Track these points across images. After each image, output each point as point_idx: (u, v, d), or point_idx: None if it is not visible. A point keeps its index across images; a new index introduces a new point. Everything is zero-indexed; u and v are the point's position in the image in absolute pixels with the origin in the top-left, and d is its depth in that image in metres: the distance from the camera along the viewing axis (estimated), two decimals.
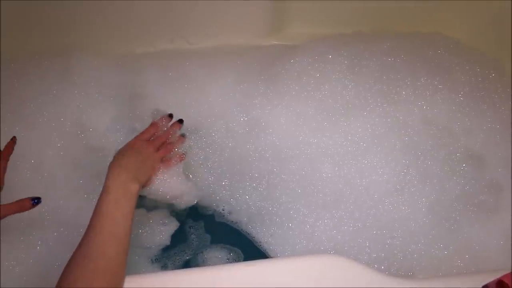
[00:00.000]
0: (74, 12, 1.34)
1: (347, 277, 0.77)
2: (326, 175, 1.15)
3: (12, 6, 1.29)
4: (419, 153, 1.15)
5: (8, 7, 1.28)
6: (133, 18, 1.40)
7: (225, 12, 1.43)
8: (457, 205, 1.09)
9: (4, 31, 1.31)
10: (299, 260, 0.82)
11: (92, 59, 1.33)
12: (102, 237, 0.73)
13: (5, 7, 1.28)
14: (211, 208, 1.20)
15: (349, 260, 0.78)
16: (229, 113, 1.27)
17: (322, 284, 0.75)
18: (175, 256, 1.12)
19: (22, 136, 1.14)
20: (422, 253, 1.05)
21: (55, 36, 1.38)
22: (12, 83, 1.26)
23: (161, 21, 1.42)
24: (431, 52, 1.30)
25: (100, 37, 1.41)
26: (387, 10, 1.43)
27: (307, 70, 1.25)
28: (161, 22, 1.42)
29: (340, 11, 1.45)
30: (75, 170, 1.16)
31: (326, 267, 0.78)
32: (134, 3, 1.36)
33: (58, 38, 1.38)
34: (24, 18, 1.33)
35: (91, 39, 1.40)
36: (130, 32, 1.43)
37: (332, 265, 0.78)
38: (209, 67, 1.35)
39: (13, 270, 1.00)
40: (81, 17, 1.36)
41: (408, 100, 1.21)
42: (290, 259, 0.84)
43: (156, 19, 1.41)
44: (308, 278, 0.76)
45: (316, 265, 0.79)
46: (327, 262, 0.79)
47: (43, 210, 1.09)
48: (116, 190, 0.79)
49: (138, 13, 1.38)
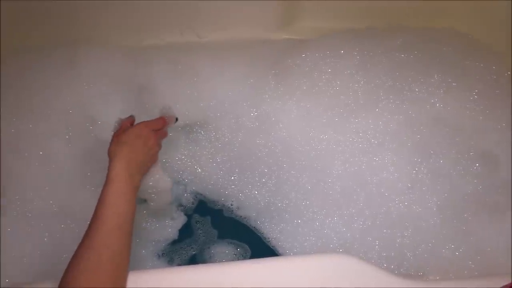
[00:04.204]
0: (82, 4, 1.33)
1: (357, 277, 0.76)
2: (336, 171, 1.15)
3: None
4: (431, 151, 1.14)
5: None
6: (141, 10, 1.39)
7: (235, 5, 1.41)
8: (469, 205, 1.08)
9: (12, 23, 1.31)
10: (308, 259, 0.81)
11: (100, 52, 1.32)
12: (105, 228, 0.72)
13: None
14: (220, 203, 1.20)
15: (359, 260, 0.78)
16: (239, 108, 1.26)
17: (331, 284, 0.75)
18: (182, 250, 1.12)
19: (30, 127, 1.16)
20: (433, 253, 1.04)
21: (63, 28, 1.37)
22: (20, 74, 1.26)
23: (170, 14, 1.41)
24: (444, 49, 1.29)
25: (108, 29, 1.41)
26: (400, 5, 1.42)
27: (318, 65, 1.24)
28: (170, 15, 1.42)
29: (352, 6, 1.44)
30: (83, 163, 1.16)
31: (336, 267, 0.77)
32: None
33: (66, 30, 1.38)
34: (32, 10, 1.32)
35: (99, 31, 1.40)
36: (139, 24, 1.43)
37: (342, 265, 0.77)
38: (218, 61, 1.34)
39: (21, 261, 1.00)
40: (89, 9, 1.35)
41: (420, 97, 1.19)
42: (300, 257, 0.83)
43: (165, 12, 1.40)
44: (318, 277, 0.76)
45: (326, 264, 0.78)
46: (337, 262, 0.78)
47: (51, 202, 1.09)
48: (121, 182, 0.78)
49: (146, 5, 1.37)
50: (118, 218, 0.74)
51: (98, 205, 0.75)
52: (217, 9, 1.42)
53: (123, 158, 0.81)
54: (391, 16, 1.42)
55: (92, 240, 0.71)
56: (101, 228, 0.72)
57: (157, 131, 0.96)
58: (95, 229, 0.72)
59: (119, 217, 0.74)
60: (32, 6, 1.31)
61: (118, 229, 0.73)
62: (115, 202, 0.75)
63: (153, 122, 0.97)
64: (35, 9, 1.32)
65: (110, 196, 0.76)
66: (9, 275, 0.97)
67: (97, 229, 0.72)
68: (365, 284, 0.75)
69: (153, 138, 0.92)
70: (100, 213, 0.74)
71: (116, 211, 0.74)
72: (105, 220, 0.73)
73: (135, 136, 0.87)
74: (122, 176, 0.79)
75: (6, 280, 0.96)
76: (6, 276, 0.97)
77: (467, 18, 1.41)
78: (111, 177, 0.78)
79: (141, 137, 0.88)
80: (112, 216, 0.74)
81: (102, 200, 0.75)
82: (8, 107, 1.19)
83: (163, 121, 1.00)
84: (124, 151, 0.83)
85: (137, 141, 0.87)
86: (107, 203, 0.75)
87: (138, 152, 0.85)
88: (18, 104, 1.20)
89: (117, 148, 0.83)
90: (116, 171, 0.79)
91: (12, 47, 1.31)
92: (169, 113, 1.03)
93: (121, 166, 0.80)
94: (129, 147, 0.84)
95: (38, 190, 1.10)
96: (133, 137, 0.87)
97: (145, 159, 0.88)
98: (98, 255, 0.69)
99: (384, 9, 1.43)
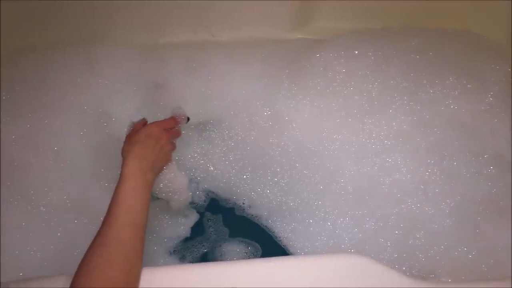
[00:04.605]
0: (99, 2, 1.34)
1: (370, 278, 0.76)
2: (349, 172, 1.14)
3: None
4: (444, 153, 1.13)
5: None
6: (157, 8, 1.39)
7: (250, 4, 1.41)
8: (482, 208, 1.07)
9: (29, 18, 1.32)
10: (320, 258, 0.81)
11: (116, 49, 1.33)
12: (119, 225, 0.73)
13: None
14: (231, 201, 1.20)
15: (372, 260, 0.77)
16: (253, 107, 1.26)
17: (344, 284, 0.74)
18: (193, 248, 1.13)
19: (45, 123, 1.17)
20: (445, 255, 1.03)
21: (79, 24, 1.38)
22: (37, 71, 1.27)
23: (185, 12, 1.41)
24: (460, 50, 1.28)
25: (124, 27, 1.41)
26: (415, 5, 1.40)
27: (333, 66, 1.23)
28: (185, 13, 1.42)
29: (367, 6, 1.43)
30: (97, 159, 1.17)
31: (348, 267, 0.77)
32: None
33: (82, 27, 1.38)
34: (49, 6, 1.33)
35: (115, 29, 1.40)
36: (154, 22, 1.43)
37: (355, 265, 0.77)
38: (233, 60, 1.34)
39: (35, 255, 1.01)
40: (105, 7, 1.36)
41: (435, 99, 1.18)
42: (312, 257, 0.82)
43: (180, 10, 1.40)
44: (330, 277, 0.75)
45: (338, 264, 0.77)
46: (350, 262, 0.77)
47: (64, 197, 1.10)
48: (134, 179, 0.79)
49: (162, 3, 1.38)
50: (131, 215, 0.75)
51: (111, 203, 0.76)
52: (231, 8, 1.42)
53: (136, 157, 0.83)
54: (406, 17, 1.41)
55: (105, 236, 0.71)
56: (114, 224, 0.73)
57: (169, 130, 0.97)
58: (108, 225, 0.73)
59: (132, 214, 0.75)
60: (49, 4, 1.32)
61: (131, 225, 0.74)
62: (128, 199, 0.76)
63: (164, 121, 0.98)
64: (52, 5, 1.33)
65: (123, 193, 0.77)
66: (22, 268, 0.98)
67: (110, 225, 0.72)
68: (378, 285, 0.75)
69: (164, 137, 0.93)
70: (113, 210, 0.74)
71: (129, 208, 0.75)
72: (118, 217, 0.74)
73: (146, 135, 0.89)
74: (135, 173, 0.80)
75: (20, 274, 0.97)
76: (19, 269, 0.98)
77: (483, 19, 1.39)
78: (124, 175, 0.79)
79: (152, 136, 0.90)
80: (125, 213, 0.74)
81: (115, 197, 0.76)
82: (24, 102, 1.20)
83: (174, 120, 1.01)
84: (137, 149, 0.84)
85: (148, 140, 0.88)
86: (120, 200, 0.76)
87: (150, 150, 0.87)
88: (34, 100, 1.21)
89: (130, 148, 0.85)
90: (129, 169, 0.80)
91: (29, 44, 1.32)
92: (180, 113, 1.03)
93: (134, 164, 0.81)
94: (141, 145, 0.86)
95: (52, 185, 1.10)
96: (144, 136, 0.89)
97: (158, 157, 0.89)
98: (111, 251, 0.69)
99: (399, 10, 1.42)
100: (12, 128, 1.15)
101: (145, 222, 0.77)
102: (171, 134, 0.98)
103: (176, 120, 1.02)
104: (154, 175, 0.87)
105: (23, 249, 1.01)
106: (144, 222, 0.77)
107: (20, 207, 1.06)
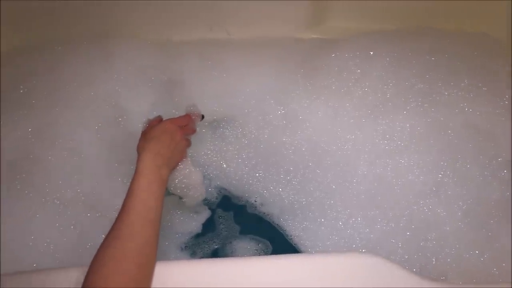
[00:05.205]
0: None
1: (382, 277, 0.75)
2: (361, 172, 1.14)
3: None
4: (458, 156, 1.12)
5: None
6: (173, 5, 1.40)
7: (265, 3, 1.41)
8: (495, 212, 1.06)
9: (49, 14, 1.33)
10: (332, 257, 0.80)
11: (132, 45, 1.34)
12: (134, 219, 0.73)
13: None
14: (243, 198, 1.21)
15: (385, 260, 0.77)
16: (266, 105, 1.27)
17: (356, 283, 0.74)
18: (204, 244, 1.13)
19: (61, 117, 1.18)
20: (456, 258, 1.02)
21: (96, 20, 1.40)
22: (53, 64, 1.29)
23: (200, 9, 1.42)
24: (476, 53, 1.27)
25: (141, 23, 1.42)
26: (432, 7, 1.40)
27: (348, 66, 1.23)
28: (200, 10, 1.42)
29: (382, 7, 1.43)
30: (111, 154, 1.18)
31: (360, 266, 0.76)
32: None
33: (99, 22, 1.40)
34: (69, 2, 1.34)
35: (132, 25, 1.42)
36: (170, 19, 1.44)
37: (367, 264, 0.76)
38: (247, 58, 1.35)
39: (48, 247, 1.02)
40: (122, 2, 1.37)
41: (450, 101, 1.18)
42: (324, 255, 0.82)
43: (196, 7, 1.41)
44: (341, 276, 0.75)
45: (350, 263, 0.77)
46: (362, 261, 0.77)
47: (78, 191, 1.11)
48: (149, 174, 0.80)
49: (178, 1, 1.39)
50: (145, 209, 0.75)
51: (126, 197, 0.76)
52: (246, 7, 1.42)
53: (151, 152, 0.83)
54: (422, 18, 1.41)
55: (119, 230, 0.72)
56: (128, 219, 0.73)
57: (184, 127, 0.98)
58: (122, 220, 0.73)
59: (146, 208, 0.76)
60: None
61: (145, 219, 0.74)
62: (143, 194, 0.77)
63: (179, 118, 0.99)
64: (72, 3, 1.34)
65: (138, 188, 0.77)
66: (34, 260, 0.99)
67: (124, 220, 0.73)
68: (390, 284, 0.74)
69: (179, 133, 0.93)
70: (128, 205, 0.75)
71: (143, 203, 0.76)
72: (132, 211, 0.74)
73: (161, 132, 0.90)
74: (150, 168, 0.81)
75: (34, 265, 0.98)
76: (31, 261, 0.99)
77: (499, 22, 1.39)
78: (139, 170, 0.80)
79: (167, 132, 0.90)
80: (139, 207, 0.75)
81: (130, 192, 0.77)
82: (41, 96, 1.21)
83: (189, 117, 1.02)
84: (152, 145, 0.85)
85: (163, 136, 0.89)
86: (134, 195, 0.76)
87: (165, 146, 0.87)
88: (50, 94, 1.22)
89: (145, 144, 0.86)
90: (144, 164, 0.81)
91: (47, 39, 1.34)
92: (195, 111, 1.04)
93: (149, 159, 0.82)
94: (156, 141, 0.87)
95: (66, 178, 1.11)
96: (159, 133, 0.89)
97: (173, 153, 0.90)
98: (125, 244, 0.70)
99: (415, 11, 1.42)
100: (29, 121, 1.16)
101: (160, 217, 0.78)
102: (186, 131, 0.98)
103: (190, 117, 1.03)
104: (169, 171, 0.88)
105: (36, 241, 1.02)
106: (159, 217, 0.77)
107: (34, 199, 1.07)
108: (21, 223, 1.03)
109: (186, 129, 0.99)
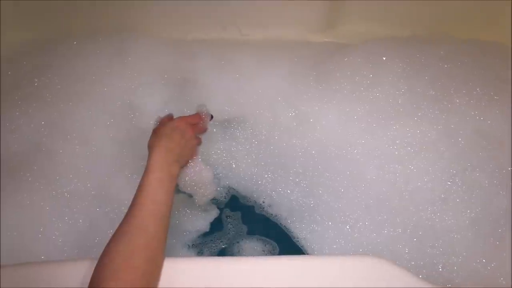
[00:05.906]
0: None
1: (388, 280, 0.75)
2: (370, 177, 1.14)
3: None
4: (468, 164, 1.12)
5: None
6: (188, 4, 1.41)
7: (280, 5, 1.42)
8: (503, 221, 1.06)
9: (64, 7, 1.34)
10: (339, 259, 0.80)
11: (147, 42, 1.35)
12: (143, 214, 0.74)
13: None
14: (252, 199, 1.21)
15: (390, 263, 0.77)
16: (278, 107, 1.27)
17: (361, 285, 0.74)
18: (211, 243, 1.14)
19: (74, 111, 1.19)
20: (463, 266, 1.02)
21: (112, 16, 1.41)
22: (68, 59, 1.30)
23: (215, 9, 1.43)
24: (489, 62, 1.27)
25: (156, 21, 1.43)
26: (446, 14, 1.40)
27: (360, 71, 1.23)
28: (215, 10, 1.43)
29: (396, 13, 1.43)
30: (122, 149, 1.19)
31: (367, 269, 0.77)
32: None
33: (115, 18, 1.41)
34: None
35: (147, 22, 1.43)
36: (185, 18, 1.45)
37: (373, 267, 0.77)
38: (260, 59, 1.35)
39: (56, 240, 1.03)
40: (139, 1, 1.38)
41: (461, 109, 1.18)
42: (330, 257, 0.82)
43: (211, 7, 1.42)
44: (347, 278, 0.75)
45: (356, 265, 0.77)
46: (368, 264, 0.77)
47: (89, 185, 1.12)
48: (159, 170, 0.80)
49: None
50: (155, 205, 0.76)
51: (136, 193, 0.77)
52: (261, 8, 1.43)
53: (162, 149, 0.84)
54: (436, 26, 1.41)
55: (128, 225, 0.73)
56: (138, 214, 0.74)
57: (195, 125, 0.98)
58: (132, 215, 0.74)
59: (157, 204, 0.76)
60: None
61: (155, 215, 0.75)
62: (153, 190, 0.77)
63: (190, 117, 0.99)
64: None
65: (148, 184, 0.78)
66: (43, 252, 1.00)
67: (134, 215, 0.74)
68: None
69: (190, 131, 0.94)
70: (138, 201, 0.76)
71: (153, 198, 0.76)
72: (142, 207, 0.75)
73: (172, 129, 0.90)
74: (160, 165, 0.81)
75: (42, 257, 0.99)
76: (40, 252, 1.00)
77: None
78: (150, 167, 0.81)
79: (178, 129, 0.91)
80: (149, 203, 0.76)
81: (141, 188, 0.78)
82: (55, 90, 1.22)
83: (199, 116, 1.02)
84: (163, 142, 0.85)
85: (174, 133, 0.89)
86: (144, 190, 0.77)
87: (175, 143, 0.88)
88: (65, 88, 1.23)
89: (156, 140, 0.86)
90: (155, 160, 0.82)
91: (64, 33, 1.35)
92: (204, 111, 1.05)
93: (159, 155, 0.83)
94: (167, 138, 0.87)
95: (77, 172, 1.12)
96: (170, 130, 0.90)
97: (183, 150, 0.90)
98: (135, 239, 0.71)
99: (429, 18, 1.42)
100: (42, 114, 1.17)
101: (169, 213, 0.78)
102: (197, 129, 0.99)
103: (201, 116, 1.03)
104: (179, 168, 0.88)
105: (45, 233, 1.03)
106: (168, 213, 0.78)
107: (45, 192, 1.08)
108: (31, 215, 1.04)
109: (197, 127, 0.99)
